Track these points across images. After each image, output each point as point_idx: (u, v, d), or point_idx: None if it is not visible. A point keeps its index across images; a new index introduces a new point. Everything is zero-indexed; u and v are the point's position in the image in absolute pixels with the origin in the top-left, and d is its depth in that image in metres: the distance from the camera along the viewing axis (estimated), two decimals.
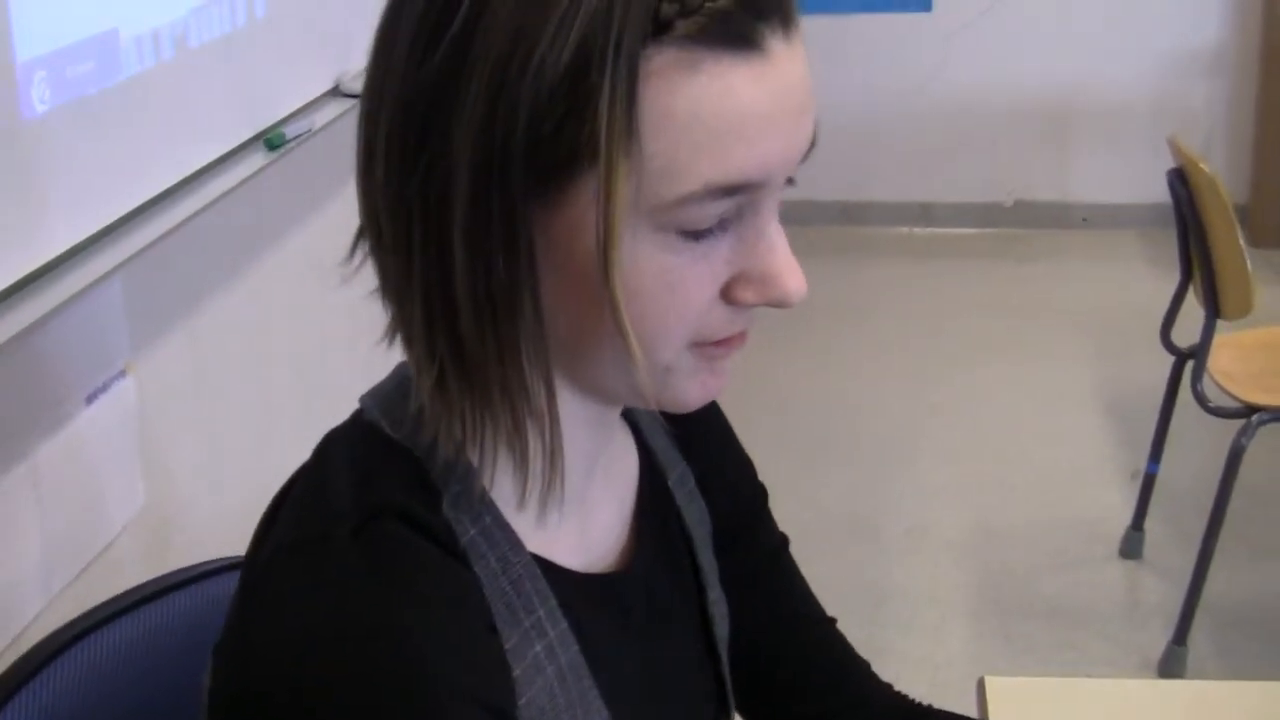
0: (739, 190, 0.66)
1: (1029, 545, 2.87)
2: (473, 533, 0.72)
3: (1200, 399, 2.43)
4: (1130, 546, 2.81)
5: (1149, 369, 2.91)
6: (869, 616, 2.62)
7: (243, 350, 2.22)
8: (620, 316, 0.65)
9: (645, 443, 0.88)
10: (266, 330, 2.32)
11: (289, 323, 2.40)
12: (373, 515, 0.68)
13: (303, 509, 0.71)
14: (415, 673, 0.63)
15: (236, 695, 0.66)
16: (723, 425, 0.96)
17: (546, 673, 0.73)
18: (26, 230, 1.48)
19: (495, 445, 0.71)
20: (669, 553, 0.87)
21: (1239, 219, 2.35)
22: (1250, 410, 2.36)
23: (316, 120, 2.21)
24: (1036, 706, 1.17)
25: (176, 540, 1.93)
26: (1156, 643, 2.48)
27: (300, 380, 2.43)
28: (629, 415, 0.88)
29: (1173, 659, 2.44)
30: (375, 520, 0.68)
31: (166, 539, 1.91)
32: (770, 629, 0.96)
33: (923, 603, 2.70)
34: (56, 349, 1.64)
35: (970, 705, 1.12)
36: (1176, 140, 2.47)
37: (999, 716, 1.13)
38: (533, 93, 0.62)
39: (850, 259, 4.56)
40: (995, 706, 1.14)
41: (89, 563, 1.70)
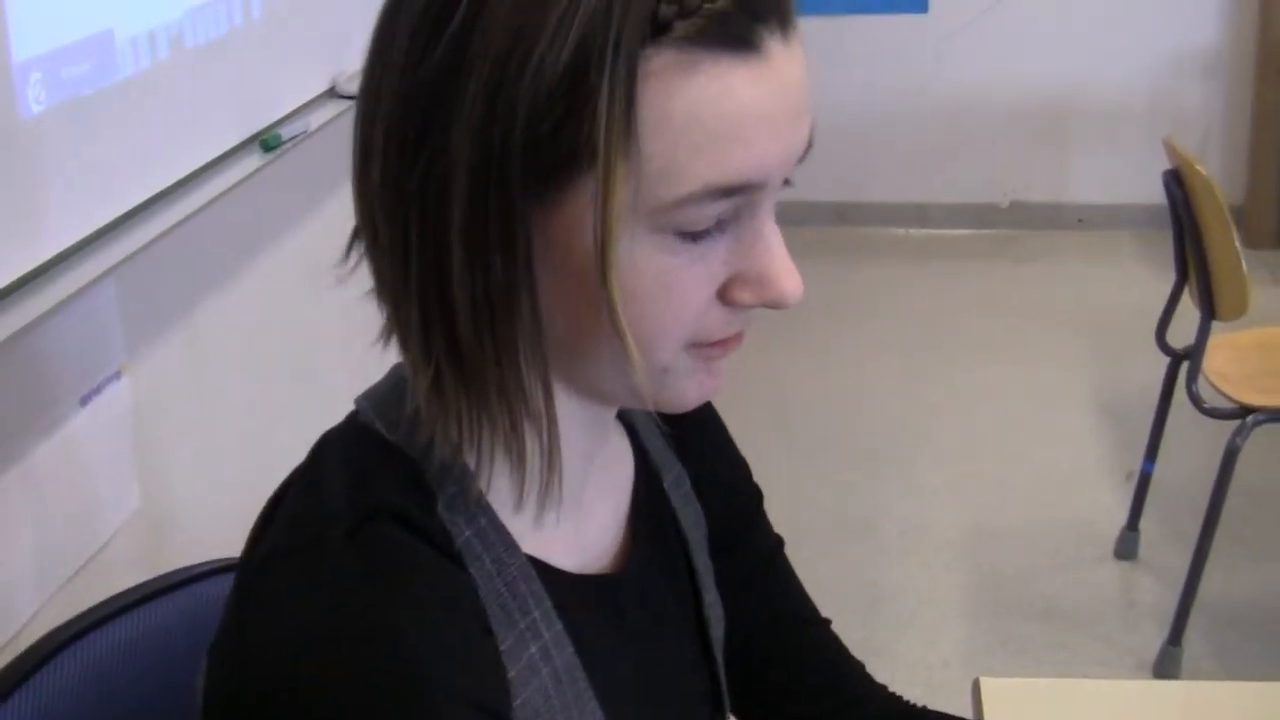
0: (737, 191, 0.66)
1: (1024, 546, 2.87)
2: (468, 534, 0.72)
3: (1195, 400, 2.43)
4: (1125, 547, 2.81)
5: (1144, 369, 2.92)
6: (865, 617, 2.62)
7: (238, 351, 2.22)
8: (618, 317, 0.65)
9: (641, 444, 0.88)
10: (262, 332, 2.32)
11: (284, 324, 2.40)
12: (368, 517, 0.68)
13: (298, 510, 0.71)
14: (410, 674, 0.63)
15: (231, 696, 0.66)
16: (718, 427, 0.96)
17: (541, 674, 0.73)
18: (21, 231, 1.48)
19: (492, 446, 0.70)
20: (664, 554, 0.87)
21: (1234, 220, 2.35)
22: (1245, 411, 2.36)
23: (312, 121, 2.21)
24: (1032, 707, 1.17)
25: (172, 541, 1.93)
26: (1152, 643, 2.48)
27: (295, 382, 2.43)
28: (625, 416, 0.88)
29: (1168, 659, 2.44)
30: (370, 522, 0.68)
31: (162, 540, 1.91)
32: (765, 630, 0.96)
33: (918, 603, 2.70)
34: (51, 350, 1.64)
35: (965, 706, 1.12)
36: (1172, 141, 2.47)
37: (994, 717, 1.13)
38: (531, 92, 0.62)
39: (846, 260, 4.56)
40: (990, 707, 1.13)
41: (84, 564, 1.70)
